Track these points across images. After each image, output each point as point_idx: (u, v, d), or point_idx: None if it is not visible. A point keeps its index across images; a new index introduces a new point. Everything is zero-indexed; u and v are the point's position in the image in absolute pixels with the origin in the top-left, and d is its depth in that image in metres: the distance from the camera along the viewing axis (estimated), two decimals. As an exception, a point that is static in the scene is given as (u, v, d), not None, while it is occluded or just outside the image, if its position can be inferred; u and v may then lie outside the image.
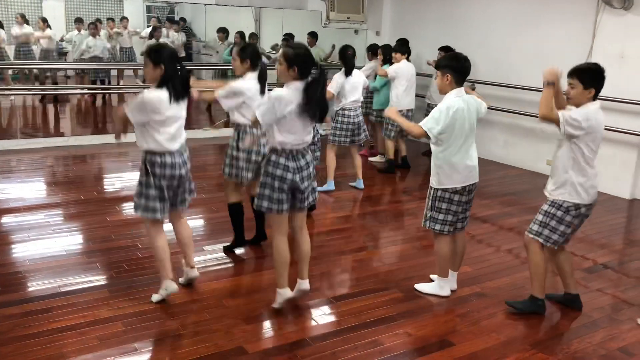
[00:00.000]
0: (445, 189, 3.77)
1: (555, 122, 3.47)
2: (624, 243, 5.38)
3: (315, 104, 3.34)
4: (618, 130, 6.52)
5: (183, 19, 13.43)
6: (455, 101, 3.66)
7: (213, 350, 3.22)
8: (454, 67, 3.70)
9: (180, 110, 3.53)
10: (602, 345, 3.49)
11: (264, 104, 3.38)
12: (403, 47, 7.34)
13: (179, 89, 3.45)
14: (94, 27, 11.06)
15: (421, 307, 3.86)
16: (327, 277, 4.27)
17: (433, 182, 3.82)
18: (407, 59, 7.32)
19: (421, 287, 4.07)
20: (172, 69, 3.43)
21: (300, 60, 3.31)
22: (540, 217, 3.70)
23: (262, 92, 4.24)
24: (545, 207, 3.69)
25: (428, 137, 3.68)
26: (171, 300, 3.74)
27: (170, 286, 3.69)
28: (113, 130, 3.48)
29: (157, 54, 3.43)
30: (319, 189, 6.23)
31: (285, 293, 3.62)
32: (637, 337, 3.61)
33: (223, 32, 11.24)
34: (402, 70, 7.15)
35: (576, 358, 3.35)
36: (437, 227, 3.85)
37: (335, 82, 6.19)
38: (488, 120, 8.23)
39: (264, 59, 4.50)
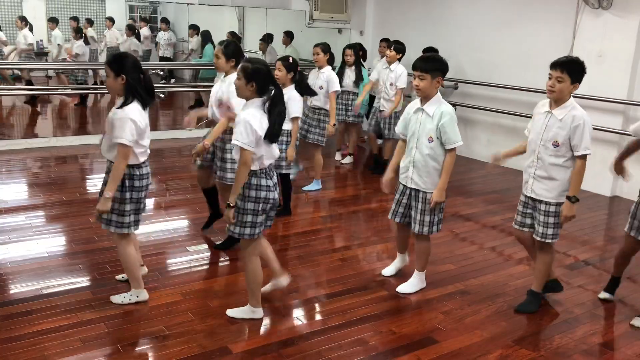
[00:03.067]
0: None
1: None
2: (605, 240, 5.45)
3: (274, 126, 3.26)
4: (598, 129, 6.59)
5: (165, 19, 13.40)
6: (448, 105, 3.77)
7: (197, 350, 3.21)
8: (443, 70, 3.74)
9: (147, 118, 3.52)
10: (584, 341, 3.54)
11: (242, 131, 3.17)
12: (400, 45, 7.12)
13: (145, 97, 3.42)
14: (76, 32, 10.91)
15: (405, 305, 3.88)
16: (312, 276, 4.28)
17: (432, 186, 3.80)
18: (400, 59, 7.07)
19: (405, 288, 4.07)
20: (134, 78, 3.35)
21: (259, 77, 3.22)
22: (552, 219, 3.65)
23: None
24: (552, 208, 3.64)
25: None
26: (155, 302, 3.72)
27: (143, 295, 3.69)
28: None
29: (118, 64, 3.35)
30: (306, 188, 6.25)
31: (261, 313, 3.57)
32: (618, 332, 3.66)
33: (194, 28, 11.43)
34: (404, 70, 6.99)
35: (559, 353, 3.39)
36: (441, 226, 3.95)
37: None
38: (471, 119, 8.31)
39: None
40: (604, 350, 3.44)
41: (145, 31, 13.31)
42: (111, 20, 13.20)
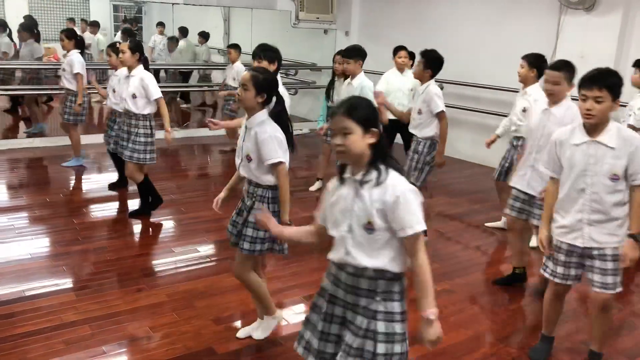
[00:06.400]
0: None
1: None
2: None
3: (292, 134, 3.08)
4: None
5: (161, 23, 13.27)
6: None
7: (182, 351, 3.19)
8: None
9: None
10: (568, 339, 3.57)
11: (276, 148, 2.94)
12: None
13: None
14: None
15: (391, 305, 3.88)
16: (298, 276, 4.28)
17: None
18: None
19: None
20: None
21: (271, 87, 2.96)
22: (615, 265, 2.96)
23: None
24: (618, 251, 2.93)
25: None
26: (140, 302, 3.69)
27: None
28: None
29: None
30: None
31: (277, 312, 3.40)
32: (601, 329, 3.69)
33: (162, 26, 12.27)
34: None
35: (542, 351, 3.41)
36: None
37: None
38: (456, 119, 8.33)
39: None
40: (588, 348, 3.47)
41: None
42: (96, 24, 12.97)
